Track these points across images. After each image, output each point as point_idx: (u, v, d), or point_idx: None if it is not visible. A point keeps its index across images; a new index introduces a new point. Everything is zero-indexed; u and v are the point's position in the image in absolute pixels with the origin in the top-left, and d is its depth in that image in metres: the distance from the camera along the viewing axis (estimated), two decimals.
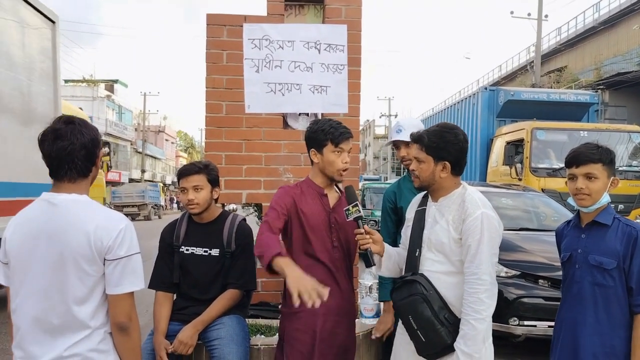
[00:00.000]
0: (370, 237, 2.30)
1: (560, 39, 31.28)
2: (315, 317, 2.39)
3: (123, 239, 1.82)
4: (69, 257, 1.77)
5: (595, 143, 2.35)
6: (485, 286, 2.08)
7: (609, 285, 2.23)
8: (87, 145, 1.85)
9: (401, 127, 3.08)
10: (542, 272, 4.92)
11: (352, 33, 3.85)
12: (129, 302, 1.86)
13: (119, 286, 1.82)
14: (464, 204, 2.21)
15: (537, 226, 6.19)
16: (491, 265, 2.13)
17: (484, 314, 2.07)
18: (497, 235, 2.19)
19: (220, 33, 3.81)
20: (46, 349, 1.78)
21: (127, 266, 1.83)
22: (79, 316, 1.80)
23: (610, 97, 23.48)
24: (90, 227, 1.78)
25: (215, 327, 2.73)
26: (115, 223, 1.84)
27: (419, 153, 2.28)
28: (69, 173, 1.84)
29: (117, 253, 1.81)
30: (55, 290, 1.79)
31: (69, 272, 1.78)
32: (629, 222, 2.30)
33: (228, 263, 2.86)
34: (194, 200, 2.79)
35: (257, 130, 3.82)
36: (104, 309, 1.86)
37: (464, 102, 13.64)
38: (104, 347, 1.85)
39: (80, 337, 1.80)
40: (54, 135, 1.82)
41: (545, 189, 9.18)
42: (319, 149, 2.49)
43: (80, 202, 1.84)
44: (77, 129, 1.84)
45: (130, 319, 1.85)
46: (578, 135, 9.75)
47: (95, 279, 1.81)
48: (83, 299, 1.80)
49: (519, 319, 4.77)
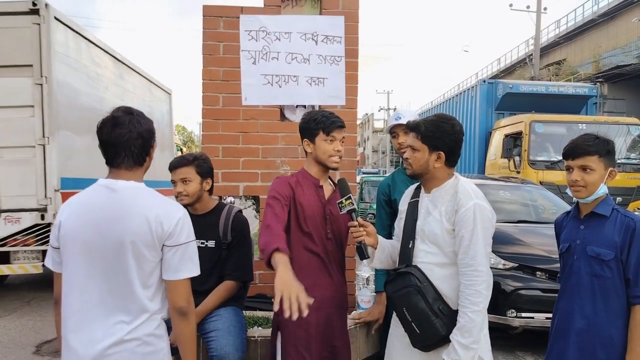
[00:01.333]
0: (363, 229, 2.29)
1: (559, 31, 31.19)
2: (309, 310, 2.38)
3: (183, 226, 1.88)
4: (129, 242, 1.79)
5: (594, 134, 2.33)
6: (482, 277, 2.08)
7: (606, 276, 2.22)
8: (144, 135, 1.89)
9: (400, 115, 3.09)
10: (540, 264, 4.93)
11: (349, 24, 3.83)
12: (188, 287, 1.90)
13: (179, 272, 1.86)
14: (456, 195, 2.20)
15: (535, 219, 6.18)
16: (485, 256, 2.13)
17: (480, 306, 2.07)
18: (491, 225, 2.19)
19: (217, 25, 3.79)
20: (107, 333, 1.79)
21: (185, 252, 1.88)
22: (140, 300, 1.83)
23: (609, 90, 23.46)
24: (150, 213, 1.82)
25: (212, 318, 2.73)
26: (175, 210, 1.89)
27: (415, 141, 2.28)
28: (126, 161, 1.88)
29: (177, 239, 1.86)
30: (117, 274, 1.81)
31: (128, 257, 1.80)
32: (628, 213, 2.29)
33: (224, 254, 2.86)
34: (183, 193, 2.83)
35: (254, 123, 3.81)
36: (160, 294, 1.89)
37: (463, 95, 13.61)
38: (160, 332, 1.89)
39: (141, 321, 1.83)
40: (113, 122, 1.86)
41: (543, 181, 9.19)
42: (312, 139, 2.51)
43: (140, 189, 1.88)
44: (135, 119, 1.89)
45: (189, 303, 1.90)
46: (576, 127, 9.74)
47: (153, 265, 1.85)
48: (143, 284, 1.83)
49: (517, 310, 4.77)
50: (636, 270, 2.17)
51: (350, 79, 3.85)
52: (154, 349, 1.85)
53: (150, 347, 1.84)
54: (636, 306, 2.17)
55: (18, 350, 4.99)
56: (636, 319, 2.17)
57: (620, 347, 2.18)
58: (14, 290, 7.74)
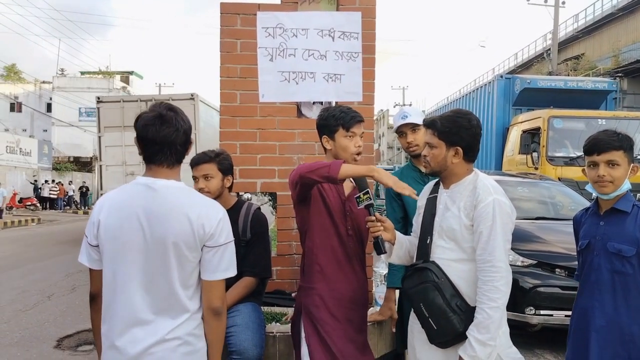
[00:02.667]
0: (381, 224, 2.29)
1: (577, 26, 30.77)
2: (330, 299, 2.40)
3: (223, 227, 1.88)
4: (170, 242, 1.79)
5: (613, 130, 2.31)
6: (500, 273, 2.06)
7: (627, 272, 2.20)
8: (188, 132, 1.90)
9: (407, 114, 3.07)
10: (559, 261, 4.88)
11: (366, 20, 3.82)
12: (223, 288, 1.91)
13: (217, 272, 1.87)
14: (475, 190, 2.18)
15: (554, 215, 6.12)
16: (504, 252, 2.10)
17: (499, 302, 2.04)
18: (510, 221, 2.16)
19: (234, 22, 3.80)
20: (149, 332, 1.80)
21: (225, 253, 1.88)
22: (181, 300, 1.83)
23: (629, 85, 23.10)
24: (192, 214, 1.82)
25: (231, 314, 2.75)
26: (216, 211, 1.89)
27: (432, 138, 2.26)
28: (169, 159, 1.87)
29: (217, 240, 1.85)
30: (158, 274, 1.81)
31: (170, 257, 1.80)
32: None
33: (243, 251, 2.87)
34: (205, 189, 2.83)
35: (271, 119, 3.82)
36: (199, 294, 1.89)
37: (480, 90, 13.51)
38: (199, 332, 1.89)
39: (181, 321, 1.83)
40: (160, 120, 1.85)
41: (562, 177, 9.08)
42: (331, 135, 2.50)
43: (180, 188, 1.88)
44: (180, 117, 1.89)
45: (224, 302, 1.91)
46: (596, 123, 9.62)
47: (194, 265, 1.85)
48: (183, 284, 1.83)
49: (535, 308, 4.74)
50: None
51: (367, 75, 3.84)
52: (194, 348, 1.86)
53: (190, 347, 1.84)
54: None
55: (39, 344, 5.08)
56: None
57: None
58: (34, 285, 7.87)
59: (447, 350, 2.17)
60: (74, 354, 4.83)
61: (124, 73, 44.94)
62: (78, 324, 5.75)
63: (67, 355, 4.78)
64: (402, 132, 3.13)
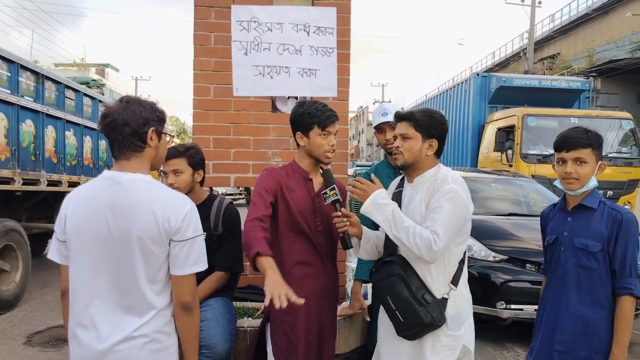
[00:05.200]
0: (347, 219, 2.31)
1: (553, 25, 31.26)
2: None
3: (190, 220, 1.82)
4: (135, 236, 1.76)
5: (583, 127, 2.35)
6: (432, 237, 2.06)
7: (593, 267, 2.24)
8: (130, 122, 1.82)
9: (387, 111, 3.09)
10: (530, 257, 4.97)
11: (341, 16, 3.82)
12: (193, 282, 1.87)
13: (185, 267, 1.82)
14: (435, 181, 2.24)
15: (526, 212, 6.21)
16: (446, 233, 2.10)
17: (408, 239, 2.09)
18: (464, 210, 2.19)
19: (208, 15, 3.77)
20: (116, 328, 1.76)
21: (192, 247, 1.83)
22: (147, 296, 1.79)
23: (602, 85, 23.54)
24: (157, 207, 1.77)
25: (202, 309, 2.72)
26: (182, 204, 1.84)
27: (408, 129, 2.29)
28: (121, 150, 1.84)
29: (184, 234, 1.81)
30: (123, 269, 1.77)
31: (135, 251, 1.76)
32: (615, 205, 2.31)
33: (215, 246, 2.86)
34: (174, 184, 2.80)
35: (245, 114, 3.80)
36: (168, 290, 1.85)
37: (457, 88, 13.61)
38: (169, 329, 1.85)
39: (148, 318, 1.79)
40: (104, 113, 1.84)
41: (535, 175, 9.21)
42: (306, 132, 2.48)
43: (146, 182, 1.83)
44: (124, 106, 1.84)
45: (194, 298, 1.86)
46: (569, 121, 9.76)
47: (161, 260, 1.81)
48: (150, 279, 1.79)
49: (506, 302, 4.82)
50: (622, 262, 2.20)
51: (342, 71, 3.84)
52: (163, 346, 1.82)
53: (159, 344, 1.81)
54: (622, 297, 2.20)
55: (8, 341, 4.98)
56: (622, 310, 2.19)
57: (605, 338, 2.20)
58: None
59: (415, 342, 2.20)
60: (44, 350, 4.75)
61: (99, 65, 44.11)
62: (49, 320, 5.65)
63: (37, 352, 4.70)
64: (380, 129, 3.14)
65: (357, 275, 3.09)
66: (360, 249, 2.42)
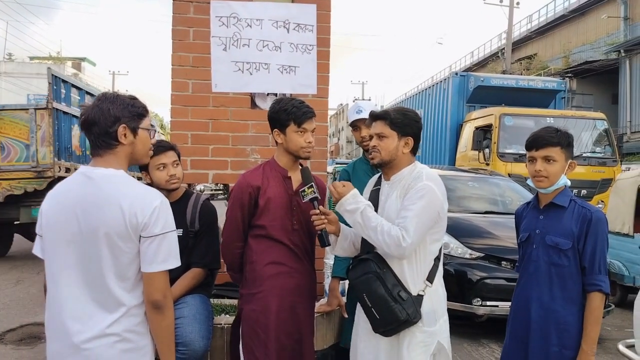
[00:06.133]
0: (325, 217, 2.33)
1: (531, 26, 31.66)
2: (272, 298, 2.41)
3: (158, 216, 1.79)
4: (102, 232, 1.74)
5: (554, 127, 2.40)
6: (401, 234, 2.10)
7: (564, 264, 2.29)
8: (98, 122, 1.81)
9: (361, 108, 3.11)
10: (505, 254, 5.05)
11: (321, 13, 3.81)
12: (164, 280, 1.83)
13: (154, 264, 1.79)
14: (410, 178, 2.27)
15: (502, 210, 6.31)
16: (416, 229, 2.13)
17: (379, 236, 2.14)
18: (437, 206, 2.22)
19: (187, 9, 3.73)
20: (87, 325, 1.75)
21: (162, 244, 1.80)
22: (115, 293, 1.76)
23: (578, 85, 23.95)
24: (125, 203, 1.75)
25: (178, 306, 2.71)
26: (150, 199, 1.81)
27: (384, 128, 2.31)
28: (94, 148, 1.84)
29: (152, 230, 1.78)
30: (91, 265, 1.76)
31: (102, 248, 1.75)
32: (585, 204, 2.37)
33: (192, 243, 2.84)
34: (176, 175, 2.79)
35: (224, 110, 3.78)
36: (140, 288, 1.82)
37: (435, 87, 13.72)
38: (142, 329, 1.83)
39: (118, 315, 1.77)
40: (80, 112, 1.86)
41: (511, 173, 9.35)
42: (282, 130, 2.49)
43: (117, 176, 1.81)
44: (94, 105, 1.83)
45: (165, 296, 1.82)
46: (545, 121, 9.92)
47: (131, 256, 1.78)
48: (119, 276, 1.77)
49: (482, 299, 4.89)
50: (592, 259, 2.25)
51: (322, 68, 3.84)
52: (135, 345, 1.80)
53: (131, 344, 1.79)
54: (591, 293, 2.25)
55: None
56: (591, 306, 2.25)
57: (575, 333, 2.25)
58: None
59: (391, 338, 2.23)
60: (17, 348, 4.67)
61: (75, 59, 43.40)
62: (22, 317, 5.56)
63: (9, 350, 4.62)
64: (356, 126, 3.16)
65: (334, 272, 3.10)
66: (337, 246, 2.43)
